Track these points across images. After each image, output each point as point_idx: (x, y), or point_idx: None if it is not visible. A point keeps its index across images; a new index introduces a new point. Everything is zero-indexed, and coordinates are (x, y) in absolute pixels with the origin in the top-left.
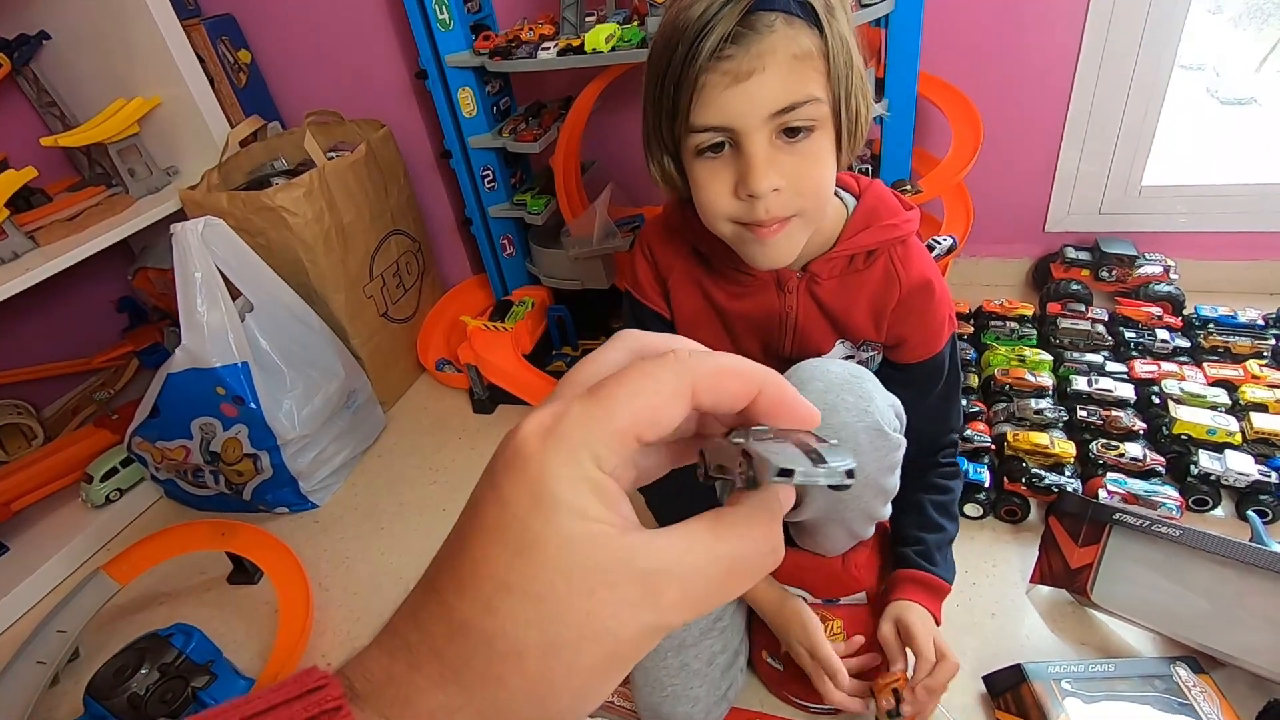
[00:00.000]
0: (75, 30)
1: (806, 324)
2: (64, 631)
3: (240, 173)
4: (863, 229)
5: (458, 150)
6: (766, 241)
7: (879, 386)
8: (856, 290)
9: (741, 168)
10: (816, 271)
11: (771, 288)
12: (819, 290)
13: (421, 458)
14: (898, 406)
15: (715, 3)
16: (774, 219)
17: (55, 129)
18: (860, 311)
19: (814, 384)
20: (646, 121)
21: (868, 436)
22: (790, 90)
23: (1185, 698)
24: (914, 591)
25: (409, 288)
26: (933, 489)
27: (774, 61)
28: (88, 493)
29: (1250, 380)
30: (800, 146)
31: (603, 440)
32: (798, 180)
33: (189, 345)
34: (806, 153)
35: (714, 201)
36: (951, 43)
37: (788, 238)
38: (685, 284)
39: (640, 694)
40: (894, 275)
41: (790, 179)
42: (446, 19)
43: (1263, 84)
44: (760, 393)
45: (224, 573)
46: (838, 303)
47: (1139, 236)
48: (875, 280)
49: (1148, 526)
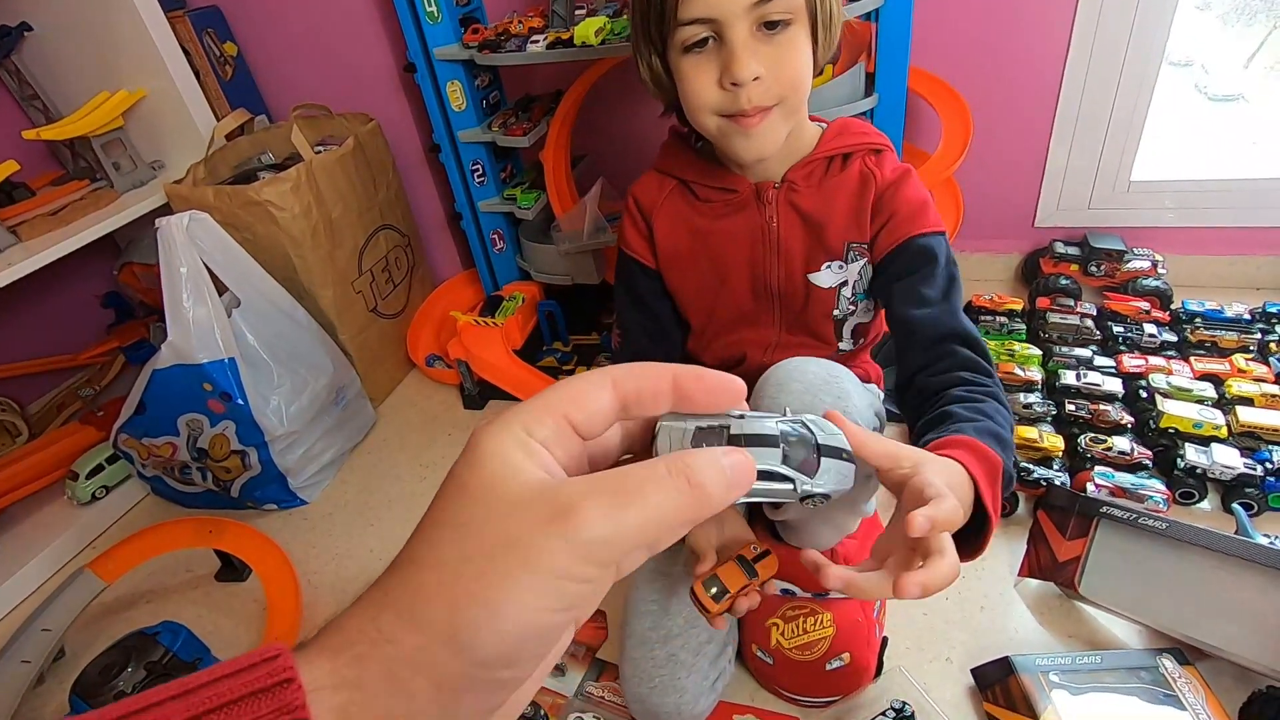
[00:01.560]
0: (58, 22)
1: (789, 239)
2: (49, 630)
3: (226, 167)
4: (836, 138)
5: (447, 144)
6: (750, 131)
7: (858, 386)
8: (834, 193)
9: (725, 58)
10: (794, 179)
11: (752, 202)
12: (798, 199)
13: (411, 454)
14: (877, 405)
15: None
16: (756, 108)
17: (38, 122)
18: (840, 213)
19: (792, 385)
20: (634, 23)
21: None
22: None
23: (1171, 689)
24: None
25: (398, 283)
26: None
27: None
28: (73, 490)
29: (1236, 374)
30: (779, 38)
31: (533, 415)
32: (777, 69)
33: (175, 341)
34: (785, 43)
35: (699, 93)
36: (942, 37)
37: (771, 127)
38: (669, 219)
39: (628, 686)
40: (870, 175)
41: (770, 68)
42: (435, 11)
43: (1250, 81)
44: (675, 380)
45: (212, 570)
46: (817, 207)
47: (1127, 232)
48: (852, 181)
49: (1135, 520)
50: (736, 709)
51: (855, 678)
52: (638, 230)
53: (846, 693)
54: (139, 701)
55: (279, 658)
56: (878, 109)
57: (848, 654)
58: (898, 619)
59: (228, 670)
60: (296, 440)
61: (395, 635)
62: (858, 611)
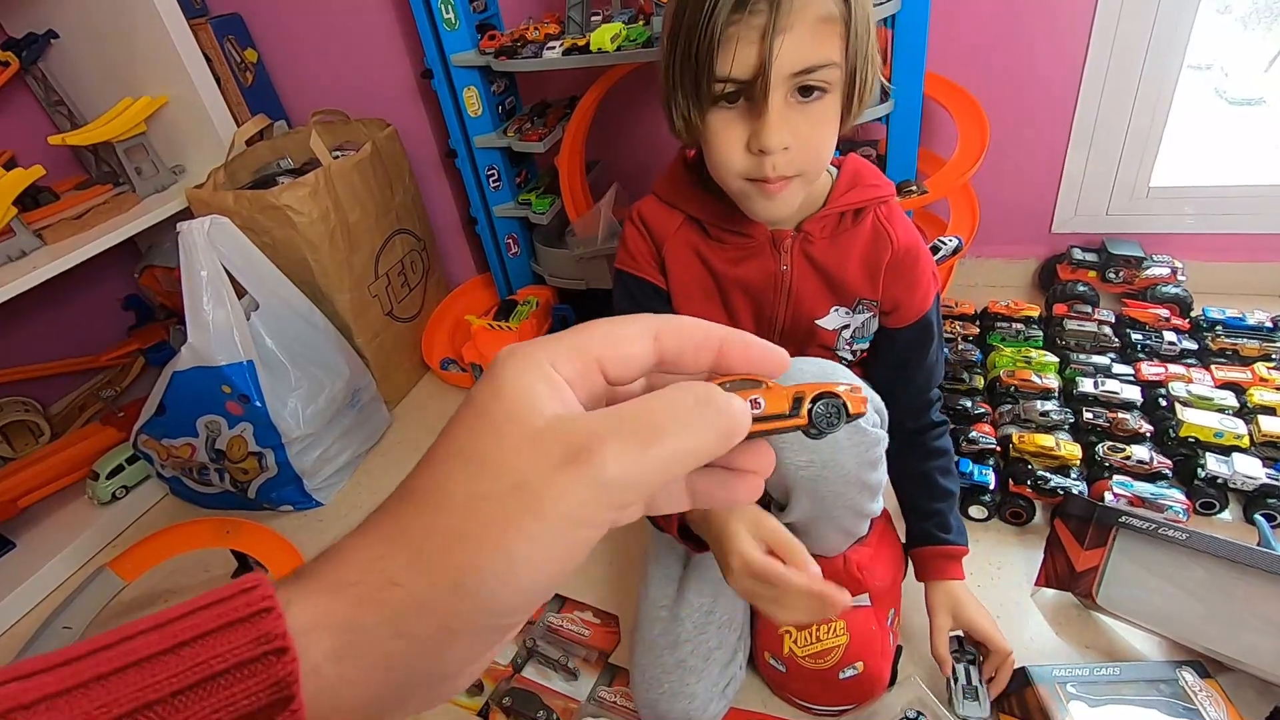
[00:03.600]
0: (83, 29)
1: (801, 285)
2: (69, 628)
3: (246, 171)
4: (849, 189)
5: (463, 149)
6: (772, 197)
7: (855, 384)
8: (848, 247)
9: (756, 124)
10: (810, 230)
11: (767, 249)
12: (812, 249)
13: None
14: (876, 402)
15: None
16: (780, 176)
17: (63, 127)
18: (854, 267)
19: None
20: (669, 70)
21: (845, 432)
22: (814, 52)
23: (1191, 702)
24: (947, 568)
25: (414, 287)
26: (934, 454)
27: (801, 21)
28: (93, 490)
29: (1258, 383)
30: (812, 108)
31: (561, 352)
32: (805, 141)
33: (195, 343)
34: (817, 115)
35: (726, 155)
36: (958, 42)
37: (790, 194)
38: (681, 250)
39: (638, 691)
40: (883, 233)
41: (799, 139)
42: (452, 18)
43: (1271, 84)
44: (722, 345)
45: (228, 570)
46: (831, 260)
47: (1146, 238)
48: (865, 236)
49: (1154, 529)
50: (749, 716)
51: (869, 687)
52: (649, 254)
53: (860, 702)
54: (113, 636)
55: (257, 588)
56: (894, 114)
57: (861, 663)
58: (912, 628)
59: (204, 602)
60: (313, 442)
61: (402, 578)
62: (871, 620)
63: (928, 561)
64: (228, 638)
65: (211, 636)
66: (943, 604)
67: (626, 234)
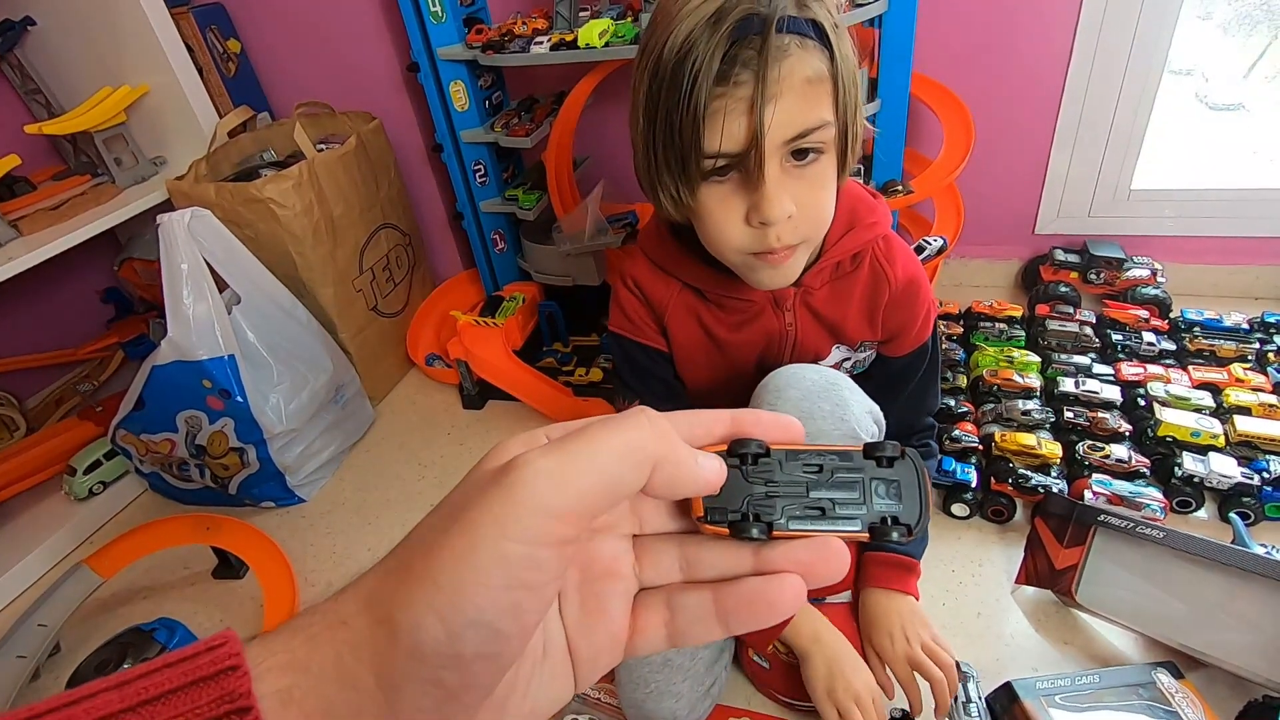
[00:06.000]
0: (62, 16)
1: (805, 335)
2: (45, 625)
3: (228, 164)
4: (845, 232)
5: (449, 144)
6: (778, 266)
7: (856, 393)
8: (848, 293)
9: (754, 195)
10: (809, 284)
11: (769, 309)
12: (813, 301)
13: (410, 453)
14: (876, 413)
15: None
16: (785, 246)
17: (40, 116)
18: (855, 314)
19: (790, 392)
20: (650, 150)
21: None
22: (806, 115)
23: (1169, 704)
24: (890, 576)
25: (399, 282)
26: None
27: (789, 87)
28: (70, 485)
29: (1234, 384)
30: (808, 171)
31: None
32: (807, 207)
33: (175, 337)
34: (815, 177)
35: (725, 231)
36: (944, 44)
37: (795, 262)
38: (682, 317)
39: (624, 691)
40: (881, 274)
41: (801, 205)
42: (439, 11)
43: (1250, 90)
44: (732, 422)
45: (208, 567)
46: (832, 310)
47: (1127, 240)
48: (864, 281)
49: (1132, 528)
50: (733, 713)
51: None
52: (648, 319)
53: None
54: (77, 693)
55: (225, 645)
56: (880, 114)
57: None
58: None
59: (172, 660)
60: (295, 438)
61: (349, 617)
62: (853, 617)
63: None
64: (190, 696)
65: (175, 695)
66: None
67: (621, 298)
